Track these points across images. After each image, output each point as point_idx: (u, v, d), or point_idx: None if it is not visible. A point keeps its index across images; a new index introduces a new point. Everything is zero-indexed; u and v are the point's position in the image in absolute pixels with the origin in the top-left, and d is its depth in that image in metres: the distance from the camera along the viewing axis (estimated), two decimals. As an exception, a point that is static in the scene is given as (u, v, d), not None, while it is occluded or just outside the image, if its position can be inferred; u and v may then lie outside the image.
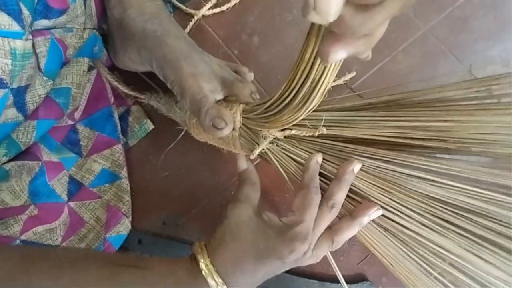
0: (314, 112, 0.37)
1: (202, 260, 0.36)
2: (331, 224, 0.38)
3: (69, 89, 0.45)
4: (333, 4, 0.20)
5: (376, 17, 0.22)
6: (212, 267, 0.35)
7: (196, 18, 0.56)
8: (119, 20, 0.46)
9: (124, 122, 0.54)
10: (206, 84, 0.42)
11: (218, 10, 0.56)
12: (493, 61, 0.56)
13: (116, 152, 0.52)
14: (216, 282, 0.35)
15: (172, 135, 0.52)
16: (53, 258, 0.36)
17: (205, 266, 0.35)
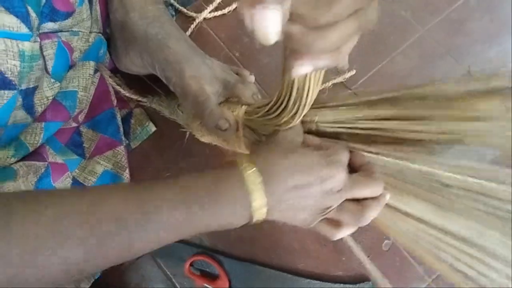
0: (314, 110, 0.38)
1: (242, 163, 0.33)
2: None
3: (76, 92, 0.45)
4: (270, 27, 0.19)
5: (330, 36, 0.22)
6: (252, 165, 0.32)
7: (198, 21, 0.57)
8: (121, 23, 0.46)
9: (127, 125, 0.54)
10: (208, 86, 0.43)
11: (220, 13, 0.57)
12: (491, 62, 0.57)
13: (119, 154, 0.53)
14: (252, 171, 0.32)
15: (174, 137, 0.52)
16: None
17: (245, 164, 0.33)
